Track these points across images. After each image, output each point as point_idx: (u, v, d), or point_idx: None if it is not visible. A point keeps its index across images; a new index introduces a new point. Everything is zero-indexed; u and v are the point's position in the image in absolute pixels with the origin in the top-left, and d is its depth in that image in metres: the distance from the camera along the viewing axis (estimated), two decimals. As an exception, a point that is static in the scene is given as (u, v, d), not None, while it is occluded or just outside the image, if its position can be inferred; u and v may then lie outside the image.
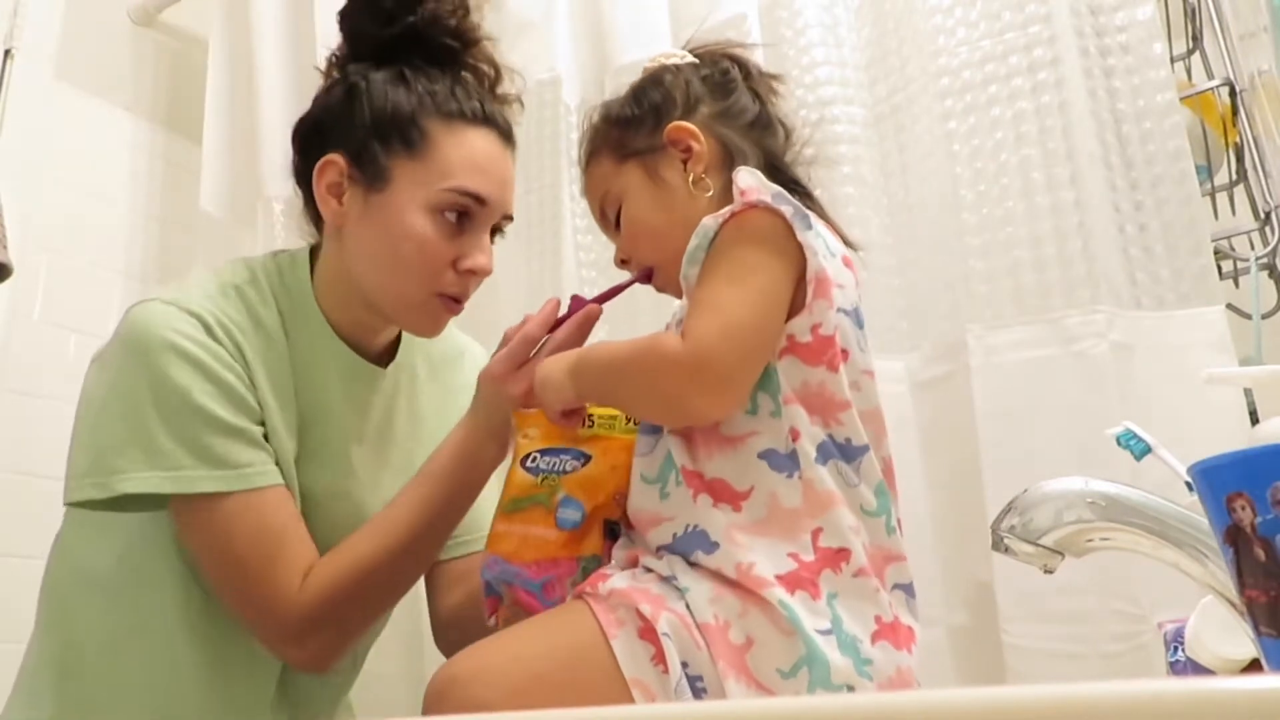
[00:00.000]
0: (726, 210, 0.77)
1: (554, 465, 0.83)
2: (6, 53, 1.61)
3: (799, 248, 0.75)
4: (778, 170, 0.86)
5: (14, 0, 1.63)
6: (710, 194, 0.82)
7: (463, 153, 0.94)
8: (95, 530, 0.99)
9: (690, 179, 0.83)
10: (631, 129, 0.87)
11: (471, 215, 0.94)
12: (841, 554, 0.71)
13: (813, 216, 0.78)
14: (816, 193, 0.89)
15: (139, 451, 0.88)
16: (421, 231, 0.92)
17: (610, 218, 0.89)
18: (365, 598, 0.92)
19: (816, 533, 0.71)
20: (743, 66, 0.91)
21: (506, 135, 0.99)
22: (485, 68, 1.00)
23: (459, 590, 1.06)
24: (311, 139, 0.99)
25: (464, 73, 0.99)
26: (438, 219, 0.92)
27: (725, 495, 0.73)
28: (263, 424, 0.93)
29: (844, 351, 0.76)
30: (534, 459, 0.83)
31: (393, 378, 1.05)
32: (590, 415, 0.84)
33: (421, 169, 0.93)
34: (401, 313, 0.98)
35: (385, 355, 1.05)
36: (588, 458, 0.83)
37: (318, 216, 1.01)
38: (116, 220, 1.71)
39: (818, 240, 0.76)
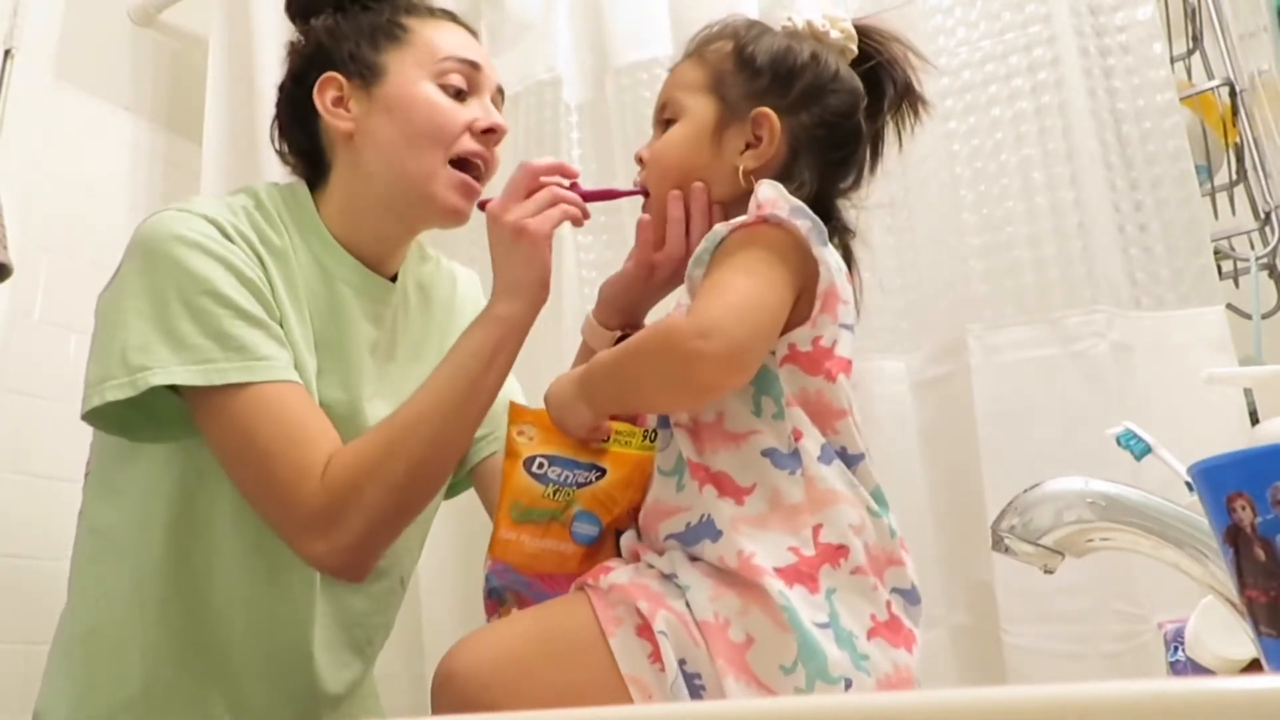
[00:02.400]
0: (739, 220, 0.77)
1: (565, 478, 0.81)
2: (6, 53, 1.61)
3: (812, 262, 0.76)
4: (823, 203, 0.84)
5: (14, 0, 1.63)
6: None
7: (444, 34, 1.01)
8: (106, 491, 0.99)
9: (740, 166, 0.83)
10: (740, 75, 0.85)
11: (471, 85, 0.99)
12: (840, 550, 0.71)
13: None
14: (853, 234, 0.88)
15: (165, 347, 0.88)
16: (429, 96, 0.97)
17: (661, 119, 0.88)
18: (389, 477, 0.87)
19: (817, 528, 0.72)
20: (874, 95, 0.87)
21: (475, 35, 1.06)
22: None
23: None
24: (298, 94, 1.02)
25: None
26: (441, 89, 0.98)
27: (729, 489, 0.73)
28: (281, 326, 0.94)
29: (849, 362, 0.77)
30: (541, 465, 0.82)
31: (398, 292, 1.06)
32: (611, 431, 0.83)
33: (412, 53, 0.99)
34: (426, 190, 0.97)
35: (391, 278, 1.06)
36: (602, 471, 0.82)
37: (312, 163, 1.03)
38: (117, 220, 1.71)
39: (831, 255, 0.77)
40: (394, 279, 1.06)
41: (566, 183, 0.90)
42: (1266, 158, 1.23)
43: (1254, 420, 1.00)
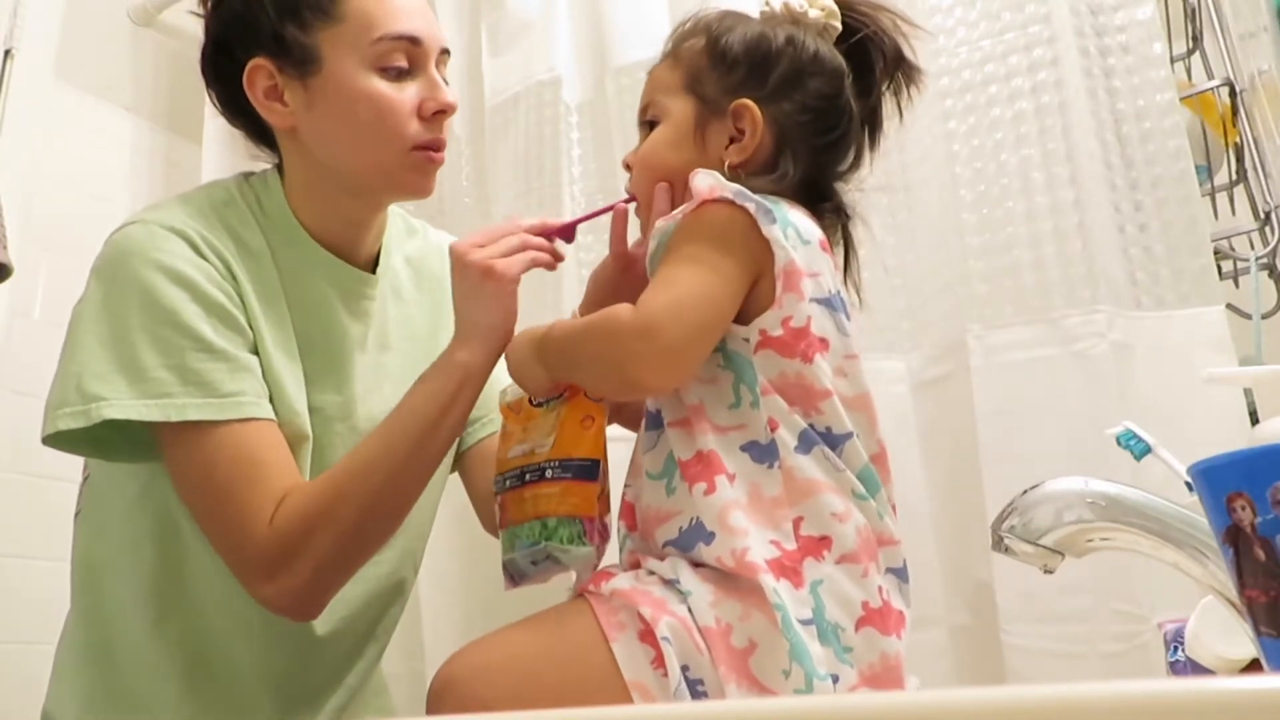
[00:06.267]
0: (679, 211, 0.78)
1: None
2: (6, 53, 1.61)
3: (764, 243, 0.75)
4: (816, 188, 0.84)
5: (14, 0, 1.63)
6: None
7: (382, 6, 0.92)
8: (99, 509, 0.98)
9: (726, 162, 0.81)
10: (715, 70, 0.83)
11: (412, 61, 0.93)
12: (823, 542, 0.71)
13: (784, 206, 0.78)
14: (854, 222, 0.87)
15: (123, 378, 0.85)
16: (371, 90, 0.91)
17: (644, 121, 0.87)
18: (339, 523, 0.85)
19: (797, 522, 0.72)
20: (865, 69, 0.85)
21: None
22: None
23: (489, 468, 1.01)
24: (222, 63, 0.95)
25: None
26: (382, 75, 0.92)
27: (719, 468, 0.73)
28: (255, 351, 0.91)
29: (822, 340, 0.76)
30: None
31: (382, 283, 1.04)
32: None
33: (346, 31, 0.91)
34: (387, 180, 0.95)
35: (371, 264, 1.04)
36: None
37: (266, 141, 0.99)
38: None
39: (787, 230, 0.76)
40: (374, 265, 1.04)
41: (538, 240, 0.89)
42: (1266, 158, 1.23)
43: (1254, 420, 1.00)
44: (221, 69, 0.96)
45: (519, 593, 0.85)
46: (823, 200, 0.84)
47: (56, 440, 0.89)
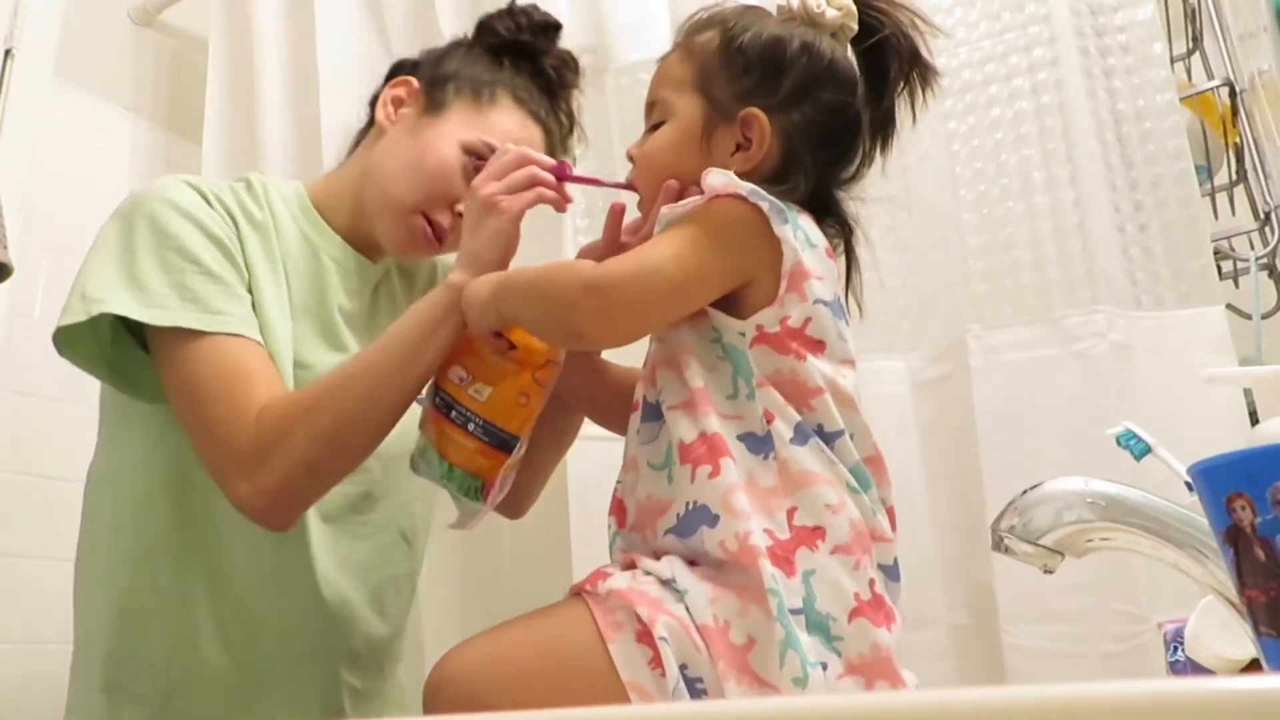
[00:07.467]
0: (690, 200, 0.77)
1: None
2: (6, 53, 1.60)
3: (773, 241, 0.75)
4: (820, 197, 0.83)
5: (14, 0, 1.63)
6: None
7: (513, 126, 1.05)
8: (107, 480, 1.01)
9: (731, 170, 0.79)
10: (726, 73, 0.82)
11: None
12: (816, 532, 0.71)
13: (794, 210, 0.78)
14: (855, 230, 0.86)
15: (125, 290, 0.93)
16: (450, 157, 1.02)
17: (650, 115, 0.86)
18: (316, 425, 0.88)
19: (791, 511, 0.72)
20: (879, 70, 0.84)
21: (551, 150, 1.09)
22: (563, 117, 1.12)
23: None
24: (406, 68, 1.12)
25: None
26: (465, 158, 1.02)
27: (722, 450, 0.73)
28: (250, 291, 0.98)
29: (819, 342, 0.76)
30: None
31: (379, 273, 1.11)
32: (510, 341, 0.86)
33: (475, 116, 1.05)
34: (386, 218, 1.04)
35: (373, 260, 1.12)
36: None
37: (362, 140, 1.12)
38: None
39: (796, 233, 0.76)
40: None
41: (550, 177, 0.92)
42: (1266, 158, 1.24)
43: (1254, 420, 1.00)
44: (401, 70, 1.12)
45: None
46: (825, 212, 0.84)
47: (67, 347, 0.95)
